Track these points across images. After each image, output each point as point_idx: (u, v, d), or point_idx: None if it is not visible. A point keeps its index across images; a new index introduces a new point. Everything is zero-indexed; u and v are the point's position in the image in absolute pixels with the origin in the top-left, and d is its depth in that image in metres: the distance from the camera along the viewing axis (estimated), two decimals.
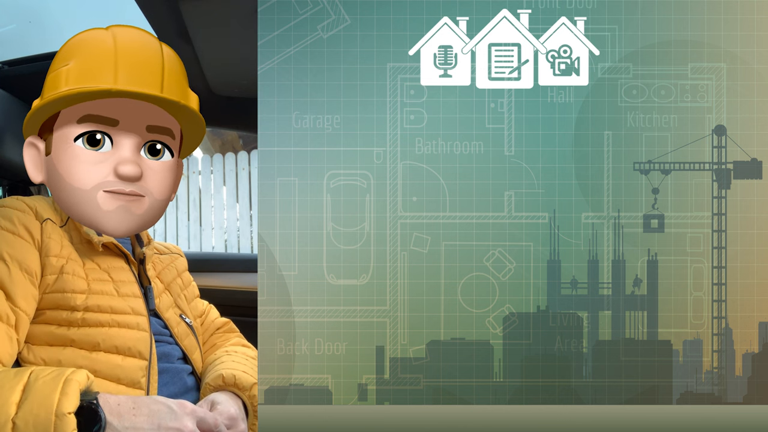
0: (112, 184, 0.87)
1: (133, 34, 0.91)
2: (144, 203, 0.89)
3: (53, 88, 0.87)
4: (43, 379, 0.70)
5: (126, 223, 0.89)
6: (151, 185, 0.90)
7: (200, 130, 0.97)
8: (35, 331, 0.82)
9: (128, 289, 0.89)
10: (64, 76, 0.87)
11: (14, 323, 0.79)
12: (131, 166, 0.87)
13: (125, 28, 0.92)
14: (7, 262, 0.80)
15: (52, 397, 0.68)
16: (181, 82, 0.93)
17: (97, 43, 0.89)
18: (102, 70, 0.86)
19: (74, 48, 0.90)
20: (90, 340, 0.82)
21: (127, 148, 0.88)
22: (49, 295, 0.83)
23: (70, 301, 0.82)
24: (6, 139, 1.31)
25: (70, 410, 0.67)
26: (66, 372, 0.71)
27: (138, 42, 0.90)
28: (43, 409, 0.67)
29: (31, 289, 0.81)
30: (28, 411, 0.67)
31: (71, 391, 0.69)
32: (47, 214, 0.87)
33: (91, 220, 0.88)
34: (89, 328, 0.83)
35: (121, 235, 0.91)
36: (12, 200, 0.86)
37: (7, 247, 0.81)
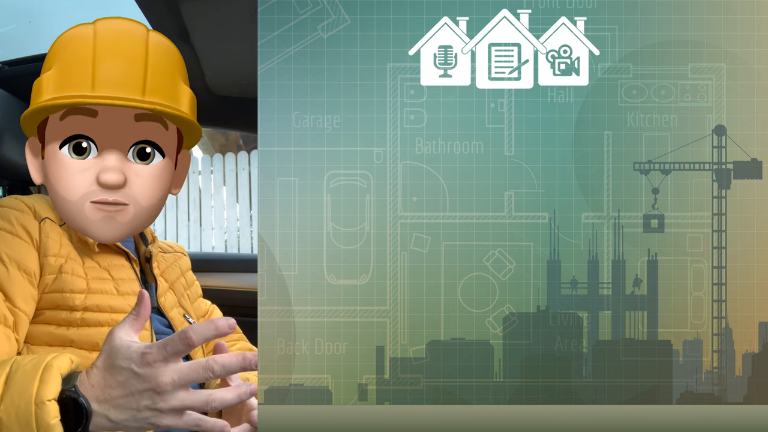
0: (96, 194, 0.85)
1: (116, 27, 0.87)
2: (129, 212, 0.87)
3: (36, 96, 0.86)
4: (23, 368, 0.66)
5: (112, 231, 0.87)
6: (137, 192, 0.87)
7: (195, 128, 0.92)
8: (34, 331, 0.82)
9: (128, 287, 0.89)
10: (45, 84, 0.85)
11: (13, 324, 0.79)
12: (113, 173, 0.84)
13: (109, 22, 0.88)
14: (6, 263, 0.80)
15: (32, 386, 0.64)
16: (169, 78, 0.87)
17: (77, 45, 0.86)
18: (79, 75, 0.83)
19: (56, 51, 0.88)
20: (89, 340, 0.82)
21: (111, 153, 0.85)
22: (48, 295, 0.82)
23: (69, 301, 0.82)
24: (6, 139, 1.31)
25: (50, 397, 0.64)
26: (47, 358, 0.67)
27: (120, 38, 0.86)
28: (23, 399, 0.64)
29: (30, 289, 0.81)
30: (9, 402, 0.65)
31: (50, 378, 0.65)
32: (46, 214, 0.87)
33: (80, 227, 0.87)
34: (88, 327, 0.83)
35: (111, 242, 0.90)
36: (10, 200, 0.86)
37: (6, 248, 0.81)
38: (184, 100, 0.90)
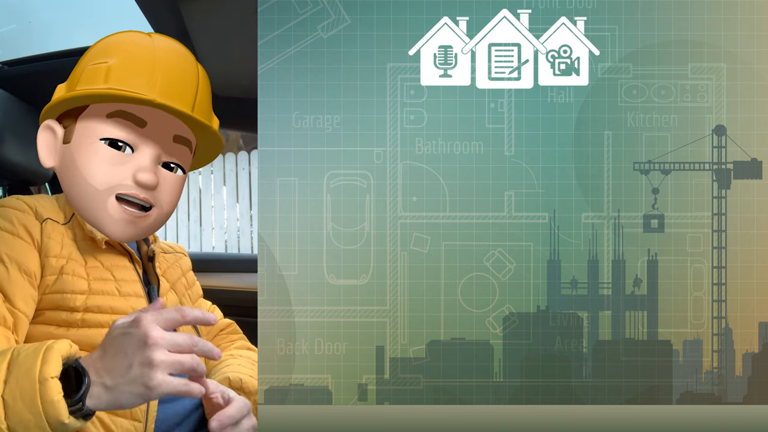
0: (127, 188, 0.87)
1: (173, 46, 0.92)
2: (151, 216, 0.90)
3: (90, 82, 0.87)
4: (25, 353, 0.68)
5: (128, 232, 0.90)
6: (163, 196, 0.90)
7: (216, 150, 0.98)
8: (34, 331, 0.82)
9: (130, 288, 0.89)
10: (104, 73, 0.87)
11: (13, 325, 0.79)
12: (150, 174, 0.87)
13: (166, 39, 0.93)
14: (6, 264, 0.80)
15: (35, 366, 0.66)
16: (209, 104, 0.94)
17: (139, 47, 0.89)
18: (141, 75, 0.86)
19: (116, 46, 0.90)
20: (90, 342, 0.82)
21: (147, 156, 0.88)
22: (49, 296, 0.82)
23: (69, 302, 0.82)
24: (6, 139, 1.31)
25: (53, 375, 0.66)
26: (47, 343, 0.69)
27: (177, 55, 0.91)
28: (27, 379, 0.66)
29: (30, 290, 0.81)
30: (14, 385, 0.66)
31: (52, 357, 0.67)
32: (48, 214, 0.87)
33: (95, 219, 0.88)
34: (89, 329, 0.83)
35: (122, 241, 0.91)
36: (11, 200, 0.86)
37: (6, 248, 0.81)
38: (215, 123, 0.97)
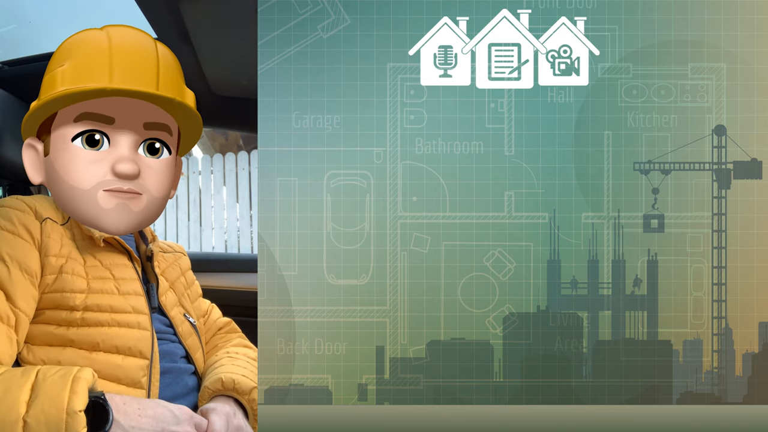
0: (110, 183, 0.87)
1: (128, 33, 0.92)
2: (142, 201, 0.90)
3: (49, 89, 0.87)
4: (52, 378, 0.71)
5: (125, 220, 0.89)
6: (149, 183, 0.90)
7: (197, 127, 0.97)
8: (35, 331, 0.82)
9: (130, 286, 0.89)
10: (59, 77, 0.87)
11: (14, 324, 0.79)
12: (128, 164, 0.87)
13: (120, 28, 0.92)
14: (7, 263, 0.80)
15: (63, 395, 0.69)
16: (177, 80, 0.93)
17: (92, 43, 0.89)
18: (97, 70, 0.86)
19: (69, 49, 0.90)
20: (89, 340, 0.82)
21: (124, 146, 0.88)
22: (49, 295, 0.83)
23: (69, 301, 0.82)
24: (6, 139, 1.31)
25: (80, 408, 0.69)
26: (73, 370, 0.72)
27: (132, 41, 0.91)
28: (53, 407, 0.68)
29: (31, 289, 0.81)
30: (39, 410, 0.68)
31: (80, 389, 0.70)
32: (47, 214, 0.87)
33: (91, 218, 0.88)
34: (88, 328, 0.83)
35: (121, 233, 0.91)
36: (12, 200, 0.86)
37: (7, 248, 0.81)
38: (189, 98, 0.95)
